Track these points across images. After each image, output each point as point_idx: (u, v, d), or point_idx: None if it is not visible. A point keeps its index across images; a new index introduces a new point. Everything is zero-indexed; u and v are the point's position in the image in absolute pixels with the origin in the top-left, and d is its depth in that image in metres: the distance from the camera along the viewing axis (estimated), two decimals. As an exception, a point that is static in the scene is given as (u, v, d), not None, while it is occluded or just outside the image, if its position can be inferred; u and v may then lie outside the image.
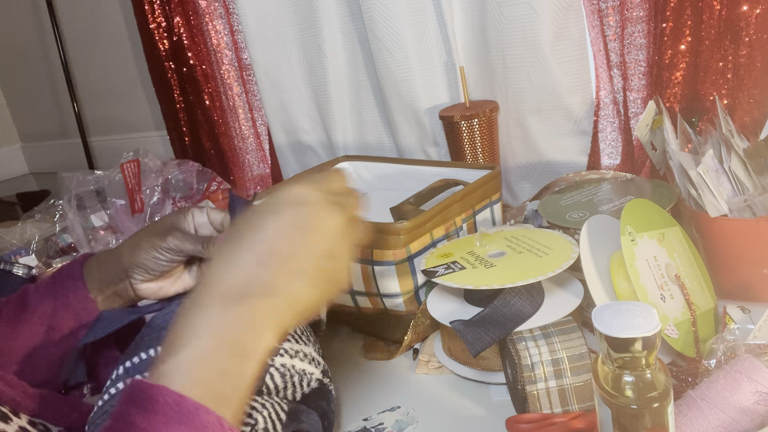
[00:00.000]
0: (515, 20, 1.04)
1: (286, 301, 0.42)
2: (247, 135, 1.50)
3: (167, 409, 0.36)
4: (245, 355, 0.39)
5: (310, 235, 0.43)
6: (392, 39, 1.14)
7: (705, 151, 0.75)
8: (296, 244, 0.42)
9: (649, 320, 0.46)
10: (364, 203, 0.49)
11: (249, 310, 0.40)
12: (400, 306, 0.81)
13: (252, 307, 0.40)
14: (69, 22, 1.79)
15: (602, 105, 1.07)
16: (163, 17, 1.43)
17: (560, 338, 0.64)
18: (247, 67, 1.42)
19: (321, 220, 0.43)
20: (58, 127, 2.02)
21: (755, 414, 0.53)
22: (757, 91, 0.88)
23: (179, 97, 1.50)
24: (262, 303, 0.41)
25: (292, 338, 0.67)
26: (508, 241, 0.78)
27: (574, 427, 0.58)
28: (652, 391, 0.46)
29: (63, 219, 1.26)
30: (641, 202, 0.71)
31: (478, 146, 1.09)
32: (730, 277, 0.74)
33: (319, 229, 0.43)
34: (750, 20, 0.86)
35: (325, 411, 0.64)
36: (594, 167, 1.09)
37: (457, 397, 0.72)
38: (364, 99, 1.30)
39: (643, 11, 0.97)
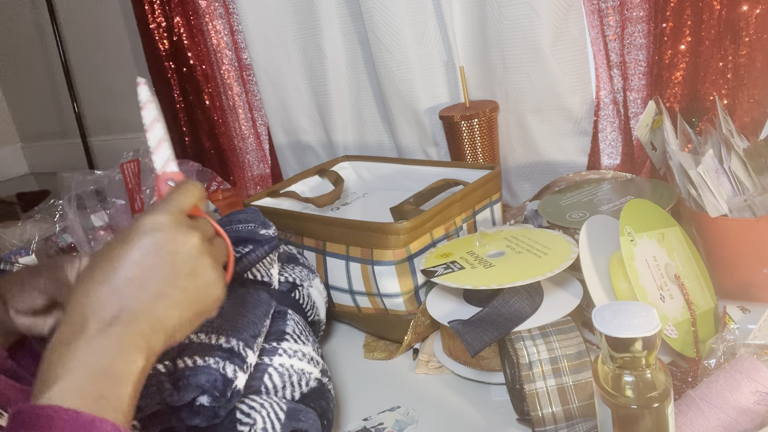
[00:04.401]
0: (515, 20, 1.04)
1: (151, 324, 0.43)
2: (247, 135, 1.50)
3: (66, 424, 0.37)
4: (118, 381, 0.40)
5: (165, 257, 0.43)
6: (392, 39, 1.14)
7: (705, 151, 0.75)
8: (152, 268, 0.43)
9: (649, 320, 0.46)
10: (214, 220, 0.50)
11: (114, 339, 0.41)
12: (400, 306, 0.81)
13: (117, 336, 0.41)
14: (69, 22, 1.79)
15: (602, 105, 1.07)
16: (163, 17, 1.43)
17: (558, 337, 0.64)
18: (247, 67, 1.42)
19: (175, 242, 0.44)
20: (58, 127, 2.02)
21: (755, 414, 0.53)
22: (757, 91, 0.88)
23: (179, 97, 1.50)
24: (126, 330, 0.41)
25: (291, 338, 0.67)
26: (507, 241, 0.78)
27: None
28: (652, 391, 0.46)
29: (63, 219, 1.26)
30: (641, 202, 0.71)
31: (478, 146, 1.09)
32: (730, 277, 0.74)
33: (174, 250, 0.44)
34: (750, 20, 0.86)
35: (324, 410, 0.64)
36: (594, 167, 1.09)
37: (457, 397, 0.72)
38: (364, 99, 1.30)
39: (643, 11, 0.97)
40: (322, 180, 1.13)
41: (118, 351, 0.41)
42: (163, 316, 0.43)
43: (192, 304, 0.45)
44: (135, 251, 0.43)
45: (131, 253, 0.43)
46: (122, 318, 0.42)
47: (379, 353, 0.84)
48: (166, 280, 0.43)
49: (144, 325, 0.42)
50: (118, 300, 0.42)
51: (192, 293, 0.45)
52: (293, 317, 0.70)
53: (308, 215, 0.88)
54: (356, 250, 0.82)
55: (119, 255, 0.43)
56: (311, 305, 0.81)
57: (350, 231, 0.82)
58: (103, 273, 0.43)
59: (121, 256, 0.43)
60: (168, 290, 0.44)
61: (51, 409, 0.37)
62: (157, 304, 0.43)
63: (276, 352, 0.64)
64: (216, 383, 0.56)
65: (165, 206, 0.46)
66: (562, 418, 0.60)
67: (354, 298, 0.85)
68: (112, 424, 0.38)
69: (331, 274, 0.86)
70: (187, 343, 0.58)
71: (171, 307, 0.44)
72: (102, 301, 0.42)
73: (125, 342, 0.41)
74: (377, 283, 0.81)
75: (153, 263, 0.43)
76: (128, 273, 0.43)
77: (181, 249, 0.44)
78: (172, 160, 0.52)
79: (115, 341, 0.41)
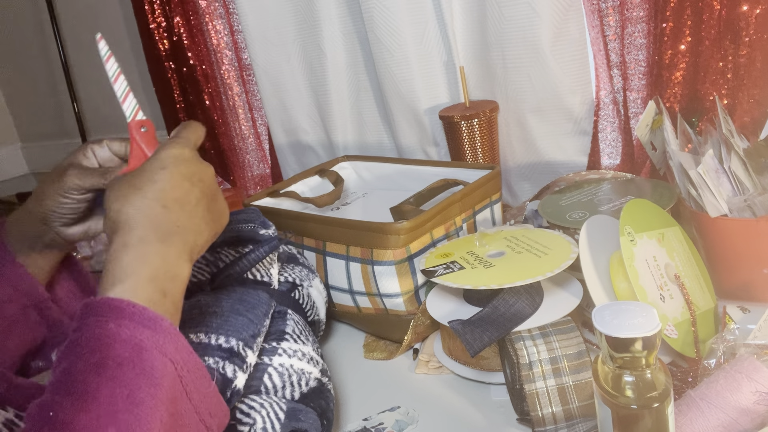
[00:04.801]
0: (515, 20, 1.04)
1: (193, 236, 0.50)
2: (247, 135, 1.50)
3: (134, 316, 0.43)
4: (178, 282, 0.48)
5: (196, 184, 0.51)
6: (392, 39, 1.14)
7: (705, 151, 0.75)
8: (188, 191, 0.50)
9: (649, 320, 0.46)
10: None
11: (170, 245, 0.48)
12: (400, 306, 0.81)
13: (172, 244, 0.48)
14: (69, 22, 1.79)
15: (602, 105, 1.07)
16: (163, 17, 1.43)
17: (558, 337, 0.64)
18: (247, 67, 1.42)
19: (200, 171, 0.52)
20: (58, 127, 2.02)
21: (755, 414, 0.53)
22: (757, 91, 0.88)
23: (179, 97, 1.50)
24: (177, 239, 0.48)
25: (291, 338, 0.67)
26: (507, 241, 0.78)
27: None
28: (652, 391, 0.46)
29: (63, 219, 1.26)
30: (641, 202, 0.71)
31: (478, 146, 1.09)
32: (730, 277, 0.74)
33: (201, 178, 0.51)
34: (750, 20, 0.86)
35: (324, 410, 0.64)
36: (594, 167, 1.09)
37: (457, 397, 0.72)
38: (364, 99, 1.30)
39: (643, 11, 0.97)
40: (322, 180, 1.13)
41: (177, 257, 0.48)
42: (199, 231, 0.51)
43: (214, 224, 0.53)
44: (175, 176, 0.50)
45: (172, 178, 0.49)
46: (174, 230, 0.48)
47: (379, 353, 0.84)
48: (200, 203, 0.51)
49: (189, 237, 0.50)
50: (168, 214, 0.48)
51: (215, 214, 0.53)
52: (293, 317, 0.70)
53: (308, 215, 0.88)
54: (356, 250, 0.82)
55: (162, 178, 0.49)
56: (311, 305, 0.81)
57: (350, 231, 0.82)
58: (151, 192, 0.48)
59: (163, 179, 0.49)
60: (201, 211, 0.51)
61: (124, 302, 0.43)
62: (196, 221, 0.50)
63: (276, 352, 0.64)
64: (215, 383, 0.56)
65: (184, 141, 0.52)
66: (562, 418, 0.60)
67: (354, 298, 0.85)
68: (170, 323, 0.45)
69: (331, 274, 0.86)
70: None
71: (203, 225, 0.51)
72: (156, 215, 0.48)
73: (179, 249, 0.48)
74: (377, 283, 0.81)
75: (189, 188, 0.50)
76: (174, 194, 0.49)
77: (206, 178, 0.52)
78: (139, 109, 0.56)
79: (172, 248, 0.48)
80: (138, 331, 0.43)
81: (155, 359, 0.43)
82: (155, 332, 0.43)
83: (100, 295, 0.44)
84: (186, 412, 0.45)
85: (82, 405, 0.39)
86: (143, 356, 0.42)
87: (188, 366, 0.45)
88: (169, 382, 0.43)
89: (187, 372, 0.45)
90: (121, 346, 0.42)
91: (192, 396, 0.45)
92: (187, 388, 0.45)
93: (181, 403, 0.44)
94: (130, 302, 0.43)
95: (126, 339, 0.42)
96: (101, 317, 0.43)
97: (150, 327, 0.43)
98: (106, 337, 0.42)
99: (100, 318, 0.43)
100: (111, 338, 0.42)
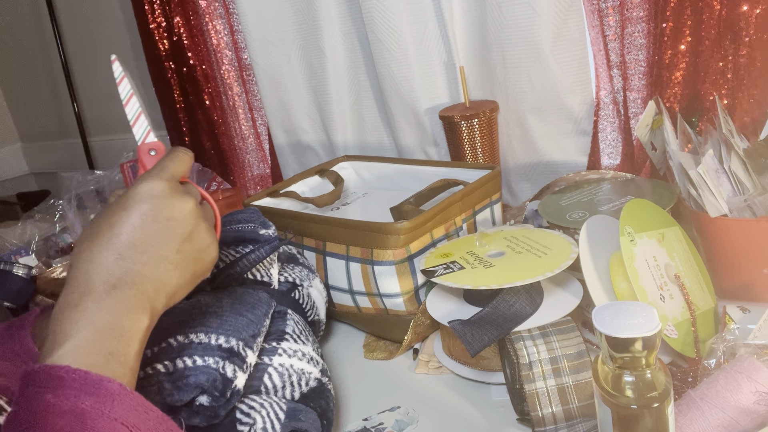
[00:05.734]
0: (515, 20, 1.04)
1: (154, 286, 0.46)
2: (247, 135, 1.50)
3: (74, 383, 0.39)
4: (126, 339, 0.43)
5: (165, 224, 0.46)
6: (392, 39, 1.14)
7: (705, 151, 0.75)
8: (153, 234, 0.46)
9: (649, 320, 0.46)
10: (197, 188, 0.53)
11: (121, 300, 0.44)
12: (400, 306, 0.81)
13: (124, 297, 0.44)
14: (69, 22, 1.79)
15: (602, 105, 1.07)
16: (163, 17, 1.43)
17: (558, 337, 0.64)
18: (247, 67, 1.42)
19: (173, 208, 0.47)
20: (58, 127, 2.02)
21: (755, 414, 0.53)
22: (757, 91, 0.88)
23: (179, 97, 1.50)
24: (132, 292, 0.44)
25: (291, 338, 0.67)
26: (507, 241, 0.78)
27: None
28: (652, 391, 0.46)
29: (63, 219, 1.26)
30: (640, 202, 0.71)
31: (478, 146, 1.09)
32: (730, 277, 0.74)
33: (172, 216, 0.47)
34: (750, 20, 0.86)
35: (324, 410, 0.64)
36: (594, 167, 1.09)
37: (457, 397, 0.72)
38: (364, 99, 1.30)
39: (643, 11, 0.97)
40: (322, 180, 1.12)
41: (126, 311, 0.43)
42: (165, 278, 0.46)
43: (190, 265, 0.48)
44: (135, 217, 0.46)
45: (131, 218, 0.45)
46: (128, 281, 0.44)
47: (379, 353, 0.84)
48: (167, 245, 0.46)
49: (148, 287, 0.45)
50: (122, 264, 0.44)
51: (191, 256, 0.48)
52: (293, 317, 0.70)
53: (308, 215, 0.88)
54: (356, 250, 0.82)
55: (120, 221, 0.45)
56: (311, 305, 0.81)
57: (350, 231, 0.82)
58: (106, 239, 0.45)
59: (122, 221, 0.45)
60: (168, 254, 0.46)
61: (62, 369, 0.40)
62: (159, 267, 0.46)
63: (276, 352, 0.64)
64: (216, 383, 0.56)
65: (159, 174, 0.48)
66: (562, 418, 0.60)
67: (354, 298, 0.85)
68: (119, 384, 0.41)
69: (331, 274, 0.86)
70: (187, 342, 0.58)
71: (172, 270, 0.46)
72: (108, 265, 0.44)
73: (131, 302, 0.44)
74: (377, 283, 0.81)
75: (153, 229, 0.46)
76: (131, 238, 0.45)
77: (179, 215, 0.47)
78: (150, 131, 0.55)
79: (122, 302, 0.44)
80: (80, 399, 0.39)
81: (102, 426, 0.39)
82: (99, 397, 0.39)
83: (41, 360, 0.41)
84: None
85: None
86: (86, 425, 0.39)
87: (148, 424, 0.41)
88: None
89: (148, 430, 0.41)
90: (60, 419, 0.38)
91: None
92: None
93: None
94: (68, 368, 0.40)
95: (66, 410, 0.39)
96: (39, 388, 0.39)
97: (92, 393, 0.39)
98: (44, 411, 0.39)
99: (38, 389, 0.39)
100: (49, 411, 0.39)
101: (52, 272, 1.04)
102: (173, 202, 0.47)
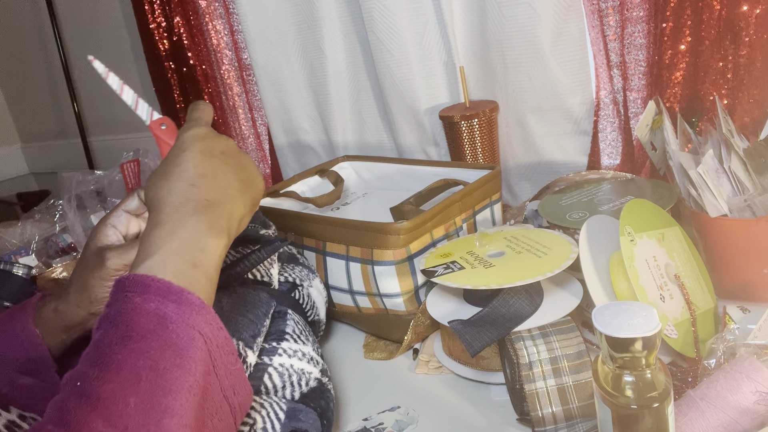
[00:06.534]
0: (515, 20, 1.04)
1: (227, 209, 0.51)
2: (247, 135, 1.50)
3: (158, 290, 0.44)
4: (209, 253, 0.48)
5: (220, 157, 0.52)
6: (392, 39, 1.14)
7: (705, 151, 0.75)
8: (213, 165, 0.51)
9: (649, 320, 0.46)
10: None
11: (202, 219, 0.48)
12: (400, 306, 0.81)
13: (204, 216, 0.49)
14: (69, 22, 1.79)
15: (602, 105, 1.07)
16: (163, 17, 1.43)
17: (558, 337, 0.64)
18: (247, 67, 1.42)
19: (220, 143, 0.53)
20: (58, 127, 2.02)
21: (755, 414, 0.53)
22: (757, 91, 0.88)
23: (179, 97, 1.50)
24: (211, 212, 0.49)
25: (291, 338, 0.67)
26: (507, 241, 0.78)
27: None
28: (652, 391, 0.46)
29: (63, 219, 1.26)
30: (640, 202, 0.71)
31: (478, 146, 1.09)
32: (730, 277, 0.74)
33: (222, 151, 0.53)
34: (750, 20, 0.86)
35: (324, 410, 0.64)
36: (594, 167, 1.09)
37: (457, 397, 0.72)
38: (364, 99, 1.30)
39: (643, 11, 0.97)
40: (322, 180, 1.13)
41: (207, 228, 0.48)
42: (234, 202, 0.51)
43: (249, 191, 0.54)
44: (195, 154, 0.51)
45: (193, 156, 0.51)
46: (206, 203, 0.49)
47: (379, 353, 0.84)
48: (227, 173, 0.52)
49: (223, 210, 0.50)
50: (197, 191, 0.49)
51: (247, 182, 0.53)
52: (293, 317, 0.70)
53: (308, 215, 0.88)
54: (356, 250, 0.82)
55: (185, 159, 0.50)
56: (311, 305, 0.81)
57: (350, 231, 0.82)
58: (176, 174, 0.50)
59: (186, 159, 0.50)
60: (231, 181, 0.52)
61: (148, 278, 0.44)
62: (227, 192, 0.51)
63: (276, 352, 0.64)
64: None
65: (198, 121, 0.54)
66: (562, 418, 0.60)
67: (354, 298, 0.85)
68: (198, 297, 0.45)
69: (331, 274, 0.86)
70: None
71: (237, 195, 0.52)
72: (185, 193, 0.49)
73: (212, 221, 0.49)
74: (377, 283, 0.81)
75: (212, 162, 0.51)
76: (197, 171, 0.50)
77: (227, 149, 0.53)
78: (153, 109, 0.58)
79: (204, 220, 0.48)
80: (163, 304, 0.43)
81: (181, 331, 0.43)
82: (180, 305, 0.44)
83: (132, 271, 0.46)
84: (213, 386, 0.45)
85: (106, 376, 0.41)
86: (168, 328, 0.43)
87: (217, 340, 0.45)
88: (198, 354, 0.43)
89: (216, 347, 0.45)
90: (145, 319, 0.43)
91: (219, 371, 0.45)
92: (215, 362, 0.45)
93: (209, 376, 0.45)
94: (154, 277, 0.44)
95: (150, 312, 0.43)
96: (129, 292, 0.44)
97: (174, 300, 0.44)
98: (131, 311, 0.43)
99: (127, 293, 0.44)
100: (136, 311, 0.43)
101: (52, 272, 1.04)
102: (218, 140, 0.53)
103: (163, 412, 0.40)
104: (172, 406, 0.41)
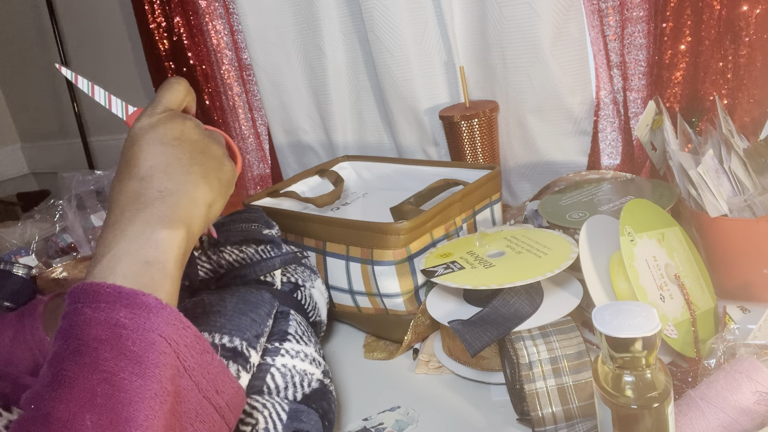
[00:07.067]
0: (515, 20, 1.04)
1: (185, 198, 0.47)
2: (247, 135, 1.50)
3: (108, 296, 0.41)
4: (163, 248, 0.45)
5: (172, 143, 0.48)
6: (392, 39, 1.14)
7: (705, 151, 0.75)
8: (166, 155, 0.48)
9: (649, 320, 0.46)
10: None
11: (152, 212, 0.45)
12: (400, 306, 0.81)
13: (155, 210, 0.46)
14: (69, 22, 1.79)
15: (602, 105, 1.07)
16: (163, 17, 1.43)
17: (558, 337, 0.64)
18: (247, 67, 1.42)
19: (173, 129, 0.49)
20: (58, 127, 2.02)
21: (755, 414, 0.53)
22: (757, 91, 0.88)
23: (179, 97, 1.49)
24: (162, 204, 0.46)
25: (293, 338, 0.67)
26: (507, 241, 0.78)
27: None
28: (652, 391, 0.46)
29: (63, 219, 1.26)
30: (640, 202, 0.71)
31: (478, 146, 1.09)
32: (730, 277, 0.74)
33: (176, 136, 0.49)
34: (750, 20, 0.86)
35: (325, 411, 0.64)
36: (594, 167, 1.09)
37: (457, 397, 0.72)
38: (364, 99, 1.30)
39: (643, 11, 0.97)
40: (322, 180, 1.13)
41: (159, 221, 0.45)
42: (194, 189, 0.48)
43: (213, 173, 0.50)
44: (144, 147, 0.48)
45: (142, 149, 0.47)
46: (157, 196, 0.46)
47: (379, 353, 0.84)
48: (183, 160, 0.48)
49: (179, 199, 0.47)
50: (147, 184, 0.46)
51: (210, 165, 0.49)
52: (295, 318, 0.70)
53: (308, 215, 0.88)
54: (356, 250, 0.82)
55: (133, 154, 0.47)
56: (313, 306, 0.81)
57: (350, 231, 0.82)
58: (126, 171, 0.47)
59: (135, 154, 0.47)
60: (188, 168, 0.48)
61: (97, 285, 0.42)
62: (186, 179, 0.48)
63: (278, 353, 0.64)
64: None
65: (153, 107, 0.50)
66: (562, 418, 0.60)
67: (354, 298, 0.85)
68: (154, 297, 0.42)
69: (331, 274, 0.86)
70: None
71: (200, 179, 0.48)
72: (134, 189, 0.46)
73: (164, 213, 0.46)
74: (377, 283, 0.81)
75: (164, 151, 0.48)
76: (147, 163, 0.47)
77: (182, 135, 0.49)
78: (127, 104, 0.56)
79: (155, 214, 0.45)
80: (114, 310, 0.41)
81: (137, 337, 0.41)
82: (133, 309, 0.41)
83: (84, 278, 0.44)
84: (186, 389, 0.42)
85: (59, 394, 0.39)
86: (121, 336, 0.40)
87: (184, 340, 0.42)
88: (161, 359, 0.41)
89: (184, 347, 0.42)
90: (96, 329, 0.41)
91: (192, 372, 0.43)
92: (186, 363, 0.42)
93: (180, 380, 0.42)
94: (104, 283, 0.42)
95: (101, 321, 0.41)
96: (78, 303, 0.42)
97: (127, 305, 0.41)
98: (82, 323, 0.41)
99: (77, 304, 0.42)
100: (87, 323, 0.41)
101: (52, 272, 1.04)
102: (172, 124, 0.49)
103: (125, 424, 0.38)
104: (135, 418, 0.39)
